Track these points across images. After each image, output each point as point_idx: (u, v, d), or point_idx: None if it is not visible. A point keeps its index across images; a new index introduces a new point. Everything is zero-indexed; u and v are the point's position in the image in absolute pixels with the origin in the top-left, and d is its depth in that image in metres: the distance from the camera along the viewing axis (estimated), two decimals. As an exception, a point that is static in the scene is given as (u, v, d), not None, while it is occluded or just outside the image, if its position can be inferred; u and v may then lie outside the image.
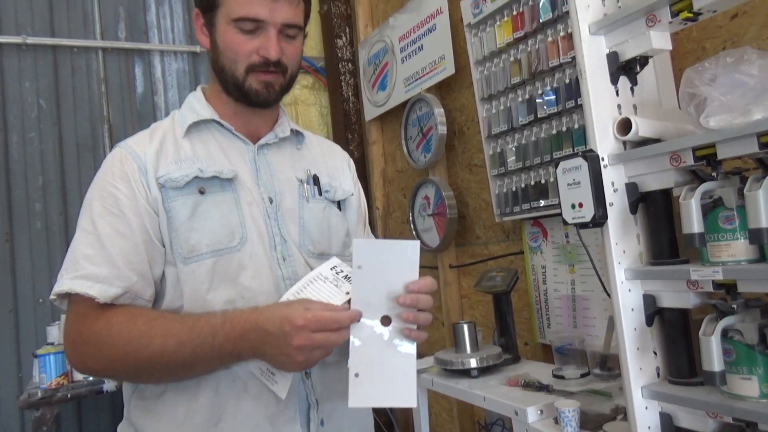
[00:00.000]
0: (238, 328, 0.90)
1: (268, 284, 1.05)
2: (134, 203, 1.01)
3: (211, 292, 1.01)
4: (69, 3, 2.77)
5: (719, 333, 0.91)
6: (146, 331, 0.93)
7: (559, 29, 1.70)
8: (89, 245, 0.99)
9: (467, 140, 2.31)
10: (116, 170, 1.04)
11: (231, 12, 1.04)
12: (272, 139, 1.16)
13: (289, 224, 1.11)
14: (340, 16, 3.15)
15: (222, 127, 1.12)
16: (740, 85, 0.87)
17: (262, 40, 1.04)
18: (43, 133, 2.65)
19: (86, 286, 0.95)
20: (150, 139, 1.08)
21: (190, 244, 1.01)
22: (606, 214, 1.06)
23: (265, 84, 1.07)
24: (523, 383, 1.53)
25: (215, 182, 1.06)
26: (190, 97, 1.16)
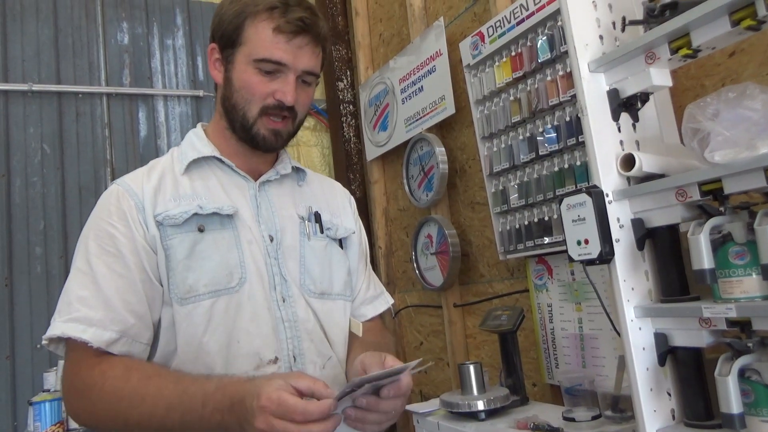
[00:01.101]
0: (227, 399, 0.83)
1: (266, 327, 1.02)
2: (131, 242, 0.98)
3: (207, 335, 0.98)
4: (75, 51, 2.82)
5: (736, 373, 0.88)
6: (140, 389, 0.88)
7: (558, 68, 1.72)
8: (84, 286, 0.95)
9: (469, 178, 2.31)
10: (113, 208, 1.01)
11: (254, 52, 1.03)
12: (273, 176, 1.14)
13: (290, 262, 1.08)
14: (341, 59, 3.21)
15: (222, 163, 1.11)
16: (744, 120, 0.87)
17: (280, 83, 1.04)
18: (45, 178, 2.67)
19: (79, 330, 0.91)
20: (148, 176, 1.07)
21: (187, 284, 0.98)
22: (613, 251, 1.05)
23: (274, 132, 1.07)
24: (532, 426, 1.48)
25: (215, 219, 1.04)
26: (191, 135, 1.15)
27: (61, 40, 2.79)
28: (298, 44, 1.03)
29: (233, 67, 1.06)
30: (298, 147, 3.23)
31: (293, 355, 1.04)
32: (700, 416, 1.01)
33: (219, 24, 1.08)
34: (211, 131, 1.15)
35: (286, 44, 1.03)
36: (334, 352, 1.12)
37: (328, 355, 1.10)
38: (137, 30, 2.96)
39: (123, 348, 0.94)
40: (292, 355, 1.04)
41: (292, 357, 1.04)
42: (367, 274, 1.29)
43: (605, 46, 1.12)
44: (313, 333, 1.08)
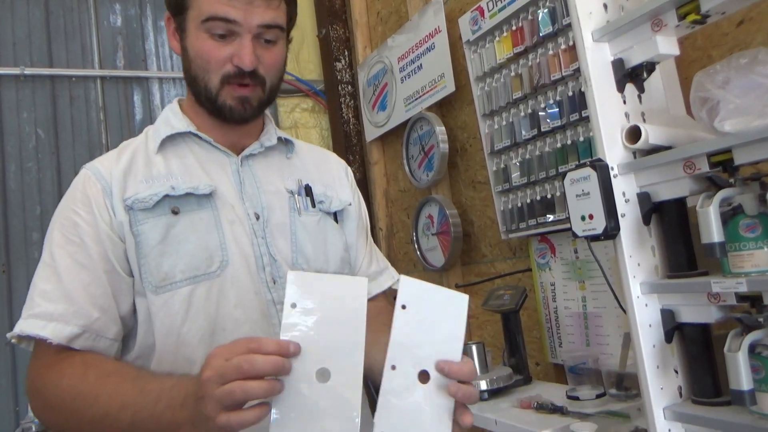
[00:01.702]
0: (181, 394, 0.72)
1: (253, 312, 0.94)
2: (95, 230, 0.91)
3: (186, 325, 0.90)
4: (67, 33, 2.77)
5: (746, 349, 0.86)
6: (96, 387, 0.81)
7: (560, 42, 1.68)
8: (46, 279, 0.89)
9: (470, 157, 2.28)
10: (78, 194, 0.94)
11: (201, 13, 0.94)
12: (257, 149, 1.05)
13: (279, 241, 1.00)
14: (338, 39, 3.15)
15: (200, 139, 1.02)
16: (756, 87, 0.84)
17: (235, 47, 0.94)
18: (41, 163, 2.63)
19: (38, 326, 0.85)
20: (118, 157, 0.99)
21: (162, 271, 0.91)
22: (618, 226, 1.02)
23: (241, 100, 0.97)
24: (535, 405, 1.47)
25: (191, 200, 0.95)
26: (166, 110, 1.06)
27: (52, 22, 2.74)
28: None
29: (186, 35, 0.98)
30: (296, 129, 3.19)
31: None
32: (708, 393, 0.99)
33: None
34: (186, 105, 1.06)
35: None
36: None
37: None
38: (130, 11, 2.91)
39: (86, 343, 0.88)
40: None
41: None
42: (368, 249, 1.20)
43: (609, 14, 1.08)
44: None
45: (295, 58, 3.23)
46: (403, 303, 0.74)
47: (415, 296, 0.74)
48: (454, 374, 0.73)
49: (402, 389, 0.72)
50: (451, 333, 0.75)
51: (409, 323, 0.73)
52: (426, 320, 0.74)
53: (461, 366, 0.73)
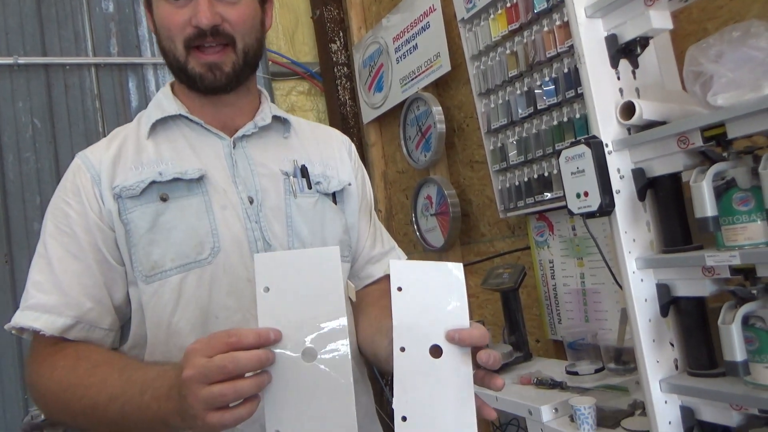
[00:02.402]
0: (166, 385, 0.70)
1: (246, 299, 0.91)
2: (84, 219, 0.90)
3: (177, 314, 0.89)
4: (60, 21, 2.75)
5: (740, 321, 0.87)
6: (84, 379, 0.80)
7: (555, 18, 1.67)
8: (40, 270, 0.88)
9: (467, 137, 2.27)
10: (69, 184, 0.93)
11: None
12: (251, 129, 1.01)
13: (275, 225, 0.97)
14: (332, 20, 3.12)
15: (191, 122, 0.99)
16: (749, 60, 0.84)
17: (193, 7, 0.90)
18: (39, 152, 2.63)
19: (32, 318, 0.85)
20: (108, 145, 0.97)
21: (151, 259, 0.89)
22: (613, 202, 1.02)
23: (209, 66, 0.93)
24: (536, 381, 1.49)
25: (180, 186, 0.93)
26: (158, 94, 1.03)
27: (44, 10, 2.71)
28: None
29: (153, 10, 0.95)
30: (293, 112, 3.17)
31: None
32: (704, 365, 1.00)
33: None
34: (177, 89, 1.02)
35: None
36: None
37: None
38: (122, -3, 2.88)
39: (80, 334, 0.87)
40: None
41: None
42: (372, 230, 1.15)
43: (603, -11, 1.08)
44: None
45: (289, 40, 3.20)
46: (398, 285, 0.73)
47: (408, 276, 0.74)
48: (466, 341, 0.71)
49: (415, 369, 0.71)
50: (454, 302, 0.73)
51: (408, 303, 0.73)
52: (425, 296, 0.73)
53: (471, 332, 0.71)
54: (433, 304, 0.73)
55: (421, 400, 0.70)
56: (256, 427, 0.85)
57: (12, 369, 2.45)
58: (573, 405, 1.23)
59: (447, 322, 0.72)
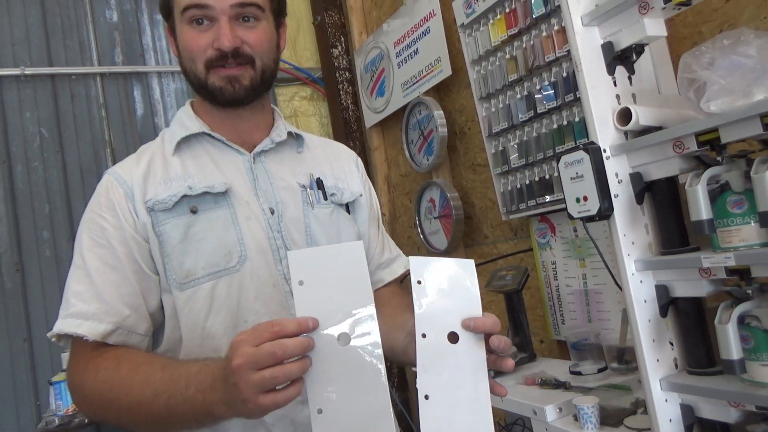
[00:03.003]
0: (209, 377, 0.76)
1: (272, 303, 0.99)
2: (120, 232, 0.96)
3: (210, 319, 0.96)
4: (65, 32, 2.79)
5: (735, 320, 0.89)
6: (128, 378, 0.86)
7: (553, 23, 1.69)
8: (79, 281, 0.94)
9: (469, 140, 2.30)
10: (102, 199, 0.99)
11: (179, 6, 0.98)
12: (268, 145, 1.08)
13: (294, 234, 1.04)
14: (333, 25, 3.15)
15: (213, 139, 1.06)
16: (739, 67, 0.86)
17: (215, 31, 0.97)
18: (46, 162, 2.67)
19: (74, 325, 0.91)
20: (137, 161, 1.04)
21: (184, 268, 0.96)
22: (612, 206, 1.05)
23: (228, 79, 0.99)
24: (540, 381, 1.51)
25: (207, 198, 1.00)
26: (180, 113, 1.11)
27: (49, 20, 2.76)
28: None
29: (177, 35, 1.02)
30: (296, 117, 3.21)
31: None
32: (702, 364, 1.03)
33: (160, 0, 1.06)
34: (197, 106, 1.10)
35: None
36: None
37: None
38: (125, 6, 2.92)
39: (119, 339, 0.93)
40: None
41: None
42: (381, 238, 1.23)
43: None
44: None
45: (291, 46, 3.23)
46: (418, 279, 0.80)
47: (426, 271, 0.81)
48: (480, 328, 0.78)
49: (436, 353, 0.78)
50: (468, 294, 0.81)
51: (427, 294, 0.80)
52: (442, 288, 0.81)
53: (485, 320, 0.79)
54: (449, 295, 0.81)
55: (441, 381, 0.77)
56: (287, 422, 0.95)
57: (25, 375, 2.49)
58: (576, 404, 1.25)
59: (462, 311, 0.80)
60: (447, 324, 0.79)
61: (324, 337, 0.74)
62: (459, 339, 0.79)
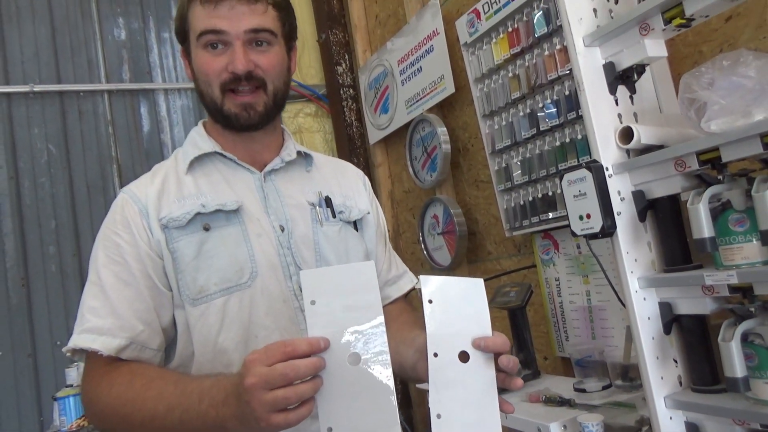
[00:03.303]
0: (222, 392, 0.79)
1: (282, 319, 1.01)
2: (135, 249, 0.98)
3: (222, 334, 0.97)
4: (73, 49, 2.83)
5: (739, 338, 0.90)
6: (142, 393, 0.88)
7: (555, 42, 1.72)
8: (94, 297, 0.97)
9: (472, 157, 2.31)
10: (118, 217, 1.01)
11: (195, 31, 1.01)
12: (278, 164, 1.11)
13: (304, 251, 1.06)
14: (338, 43, 3.19)
15: (225, 158, 1.09)
16: (739, 88, 0.88)
17: (228, 55, 1.00)
18: (53, 178, 2.70)
19: (89, 340, 0.93)
20: (151, 180, 1.06)
21: (197, 284, 0.98)
22: (614, 224, 1.06)
23: (244, 106, 1.03)
24: (544, 399, 1.51)
25: (220, 216, 1.02)
26: (192, 133, 1.14)
27: (58, 39, 2.80)
28: (229, 6, 0.99)
29: (192, 59, 1.05)
30: (300, 134, 3.24)
31: None
32: (707, 381, 1.03)
33: (175, 25, 1.08)
34: (209, 126, 1.13)
35: (214, 11, 0.99)
36: None
37: None
38: (133, 25, 2.96)
39: (133, 354, 0.95)
40: None
41: None
42: (387, 255, 1.26)
43: (599, 19, 1.12)
44: None
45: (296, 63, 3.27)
46: (429, 298, 0.81)
47: (437, 290, 0.82)
48: (491, 348, 0.80)
49: (448, 372, 0.79)
50: (478, 313, 0.82)
51: (438, 314, 0.81)
52: (452, 308, 0.82)
53: (495, 339, 0.80)
54: (459, 314, 0.82)
55: (452, 400, 0.78)
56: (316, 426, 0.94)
57: (29, 391, 2.49)
58: (581, 422, 1.25)
59: (473, 330, 0.81)
60: (458, 343, 0.80)
61: (335, 356, 0.75)
62: (470, 358, 0.80)
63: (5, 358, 2.47)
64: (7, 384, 2.46)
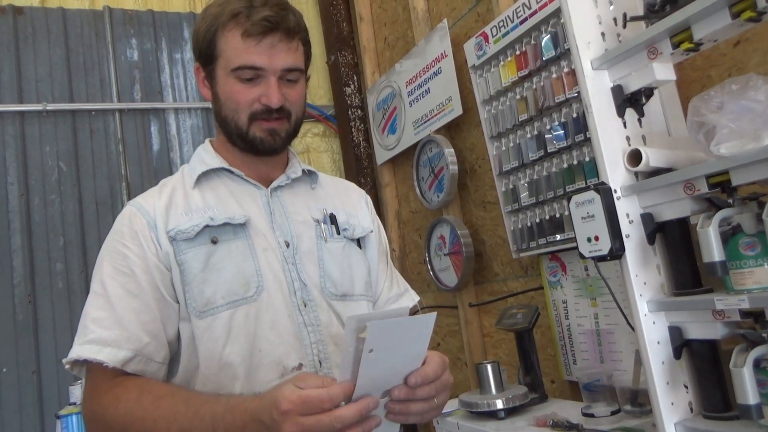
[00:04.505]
0: (239, 419, 0.81)
1: (287, 335, 1.01)
2: (143, 261, 0.99)
3: (227, 347, 0.97)
4: (87, 69, 2.87)
5: (751, 364, 0.88)
6: (151, 411, 0.87)
7: (563, 65, 1.73)
8: (99, 308, 0.96)
9: (479, 178, 2.32)
10: (125, 229, 1.02)
11: (230, 63, 1.03)
12: (285, 181, 1.13)
13: (308, 267, 1.07)
14: (347, 65, 3.23)
15: (232, 174, 1.11)
16: (748, 112, 0.88)
17: (262, 88, 1.03)
18: (63, 195, 2.72)
19: (94, 351, 0.92)
20: (159, 193, 1.08)
21: (204, 297, 0.98)
22: (623, 246, 1.05)
23: (270, 131, 1.06)
24: (552, 423, 1.48)
25: (227, 229, 1.03)
26: (199, 150, 1.16)
27: (72, 59, 2.85)
28: (270, 44, 1.01)
29: (216, 82, 1.07)
30: (308, 154, 3.26)
31: (318, 360, 1.03)
32: (718, 408, 1.01)
33: (196, 42, 1.08)
34: (217, 145, 1.15)
35: (256, 47, 1.01)
36: None
37: None
38: (146, 46, 3.01)
39: (138, 366, 0.94)
40: (317, 360, 1.03)
41: (318, 362, 1.03)
42: (389, 273, 1.27)
43: (607, 42, 1.13)
44: (337, 337, 1.06)
45: (306, 87, 3.30)
46: (371, 347, 0.77)
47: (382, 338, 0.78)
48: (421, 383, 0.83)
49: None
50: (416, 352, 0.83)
51: (376, 363, 0.78)
52: (391, 353, 0.80)
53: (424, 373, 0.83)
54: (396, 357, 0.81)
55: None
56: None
57: (32, 408, 2.48)
58: (589, 448, 1.22)
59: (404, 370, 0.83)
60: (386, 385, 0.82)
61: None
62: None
63: (10, 374, 2.47)
64: (11, 400, 2.45)
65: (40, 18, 2.80)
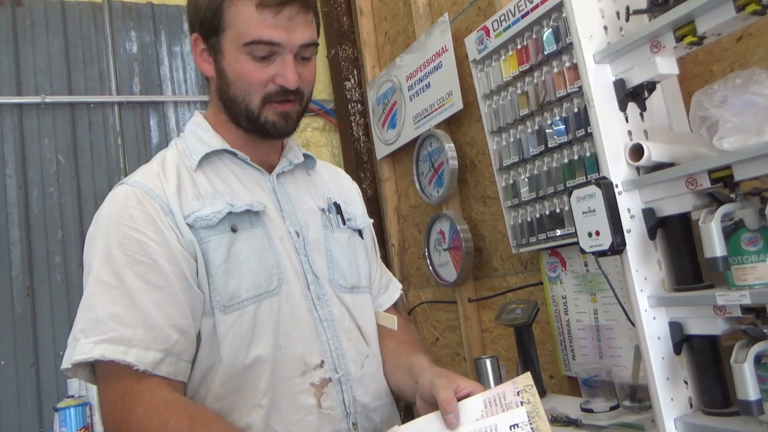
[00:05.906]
0: None
1: (307, 330, 0.95)
2: (166, 248, 0.88)
3: (254, 344, 0.90)
4: (86, 62, 2.86)
5: (752, 360, 0.88)
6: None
7: (564, 60, 1.72)
8: (115, 302, 0.84)
9: (479, 173, 2.31)
10: (135, 212, 0.90)
11: (241, 36, 0.92)
12: (287, 167, 1.07)
13: (316, 258, 1.01)
14: (347, 59, 3.21)
15: (236, 156, 1.02)
16: (752, 106, 0.87)
17: (278, 66, 0.94)
18: (62, 188, 2.71)
19: (120, 351, 0.81)
20: (164, 174, 0.96)
21: (229, 290, 0.90)
22: (624, 241, 1.04)
23: (283, 115, 0.98)
24: (550, 418, 1.48)
25: (245, 218, 0.95)
26: (193, 127, 1.05)
27: (71, 51, 2.83)
28: (288, 16, 0.91)
29: (223, 57, 0.96)
30: (308, 148, 3.25)
31: (336, 356, 0.98)
32: (718, 404, 1.00)
33: (196, 11, 0.97)
34: (214, 122, 1.04)
35: (274, 20, 0.91)
36: (369, 348, 1.05)
37: (365, 353, 1.04)
38: (145, 38, 2.99)
39: (169, 368, 0.85)
40: (336, 356, 0.98)
41: (336, 358, 0.98)
42: (378, 263, 1.24)
43: (610, 36, 1.12)
44: (350, 331, 1.02)
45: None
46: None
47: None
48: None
49: None
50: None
51: None
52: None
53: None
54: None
55: None
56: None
57: (30, 401, 2.48)
58: (588, 443, 1.22)
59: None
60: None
61: None
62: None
63: (8, 367, 2.46)
64: (9, 393, 2.45)
65: (38, 9, 2.78)
